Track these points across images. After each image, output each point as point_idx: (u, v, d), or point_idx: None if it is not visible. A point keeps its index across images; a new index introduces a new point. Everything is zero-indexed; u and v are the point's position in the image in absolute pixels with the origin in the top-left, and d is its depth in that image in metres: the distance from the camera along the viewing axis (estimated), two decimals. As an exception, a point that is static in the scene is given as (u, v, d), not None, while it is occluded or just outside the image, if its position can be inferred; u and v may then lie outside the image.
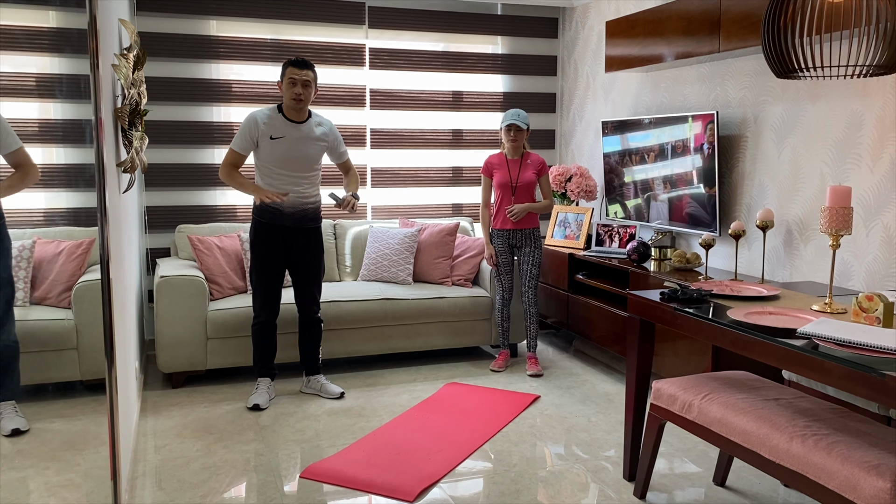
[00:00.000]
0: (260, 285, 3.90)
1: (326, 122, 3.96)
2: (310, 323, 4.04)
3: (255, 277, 3.90)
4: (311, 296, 4.00)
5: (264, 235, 3.85)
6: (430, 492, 2.96)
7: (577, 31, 5.55)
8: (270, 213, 3.82)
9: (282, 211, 3.82)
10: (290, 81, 3.73)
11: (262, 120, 3.78)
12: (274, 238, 3.85)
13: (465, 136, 5.58)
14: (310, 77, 3.76)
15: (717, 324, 2.52)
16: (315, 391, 4.07)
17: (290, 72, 3.74)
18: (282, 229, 3.85)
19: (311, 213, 3.91)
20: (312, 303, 4.01)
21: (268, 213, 3.82)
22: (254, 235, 3.88)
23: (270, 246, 3.85)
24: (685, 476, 3.11)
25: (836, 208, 2.52)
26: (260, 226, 3.85)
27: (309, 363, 4.10)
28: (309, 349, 4.09)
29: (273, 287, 3.91)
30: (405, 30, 5.32)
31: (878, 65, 2.36)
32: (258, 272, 3.89)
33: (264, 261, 3.87)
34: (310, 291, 3.99)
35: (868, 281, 3.33)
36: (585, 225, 4.96)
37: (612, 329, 4.34)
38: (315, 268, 3.98)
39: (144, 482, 3.02)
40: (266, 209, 3.83)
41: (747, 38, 3.56)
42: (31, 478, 2.78)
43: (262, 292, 3.90)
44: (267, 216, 3.83)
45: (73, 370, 3.58)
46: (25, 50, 2.62)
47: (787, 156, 3.76)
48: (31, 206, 2.97)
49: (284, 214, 3.83)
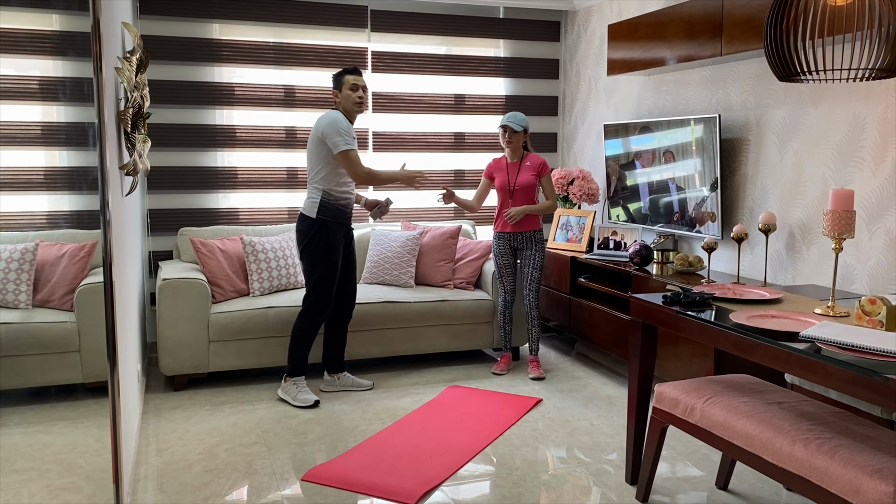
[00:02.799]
0: (330, 284, 4.00)
1: None
2: (346, 319, 4.20)
3: (330, 277, 3.98)
4: (355, 288, 4.21)
5: (336, 236, 3.97)
6: (431, 495, 2.96)
7: (579, 34, 5.56)
8: (342, 213, 3.99)
9: (348, 211, 4.04)
10: (353, 87, 3.94)
11: None
12: (341, 237, 4.01)
13: (466, 140, 5.58)
14: (365, 82, 4.03)
15: (720, 327, 2.52)
16: (346, 387, 4.19)
17: (351, 79, 3.96)
18: (346, 228, 4.06)
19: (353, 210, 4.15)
20: (355, 296, 4.23)
21: (339, 213, 3.98)
22: (325, 237, 3.94)
23: (339, 245, 4.00)
24: (687, 480, 3.10)
25: (838, 211, 2.52)
26: (329, 226, 3.95)
27: (339, 360, 4.23)
28: (342, 345, 4.23)
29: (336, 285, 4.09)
30: (407, 33, 5.33)
31: (880, 68, 2.36)
32: (333, 272, 3.99)
33: (335, 259, 3.99)
34: (355, 286, 4.21)
35: (871, 284, 3.32)
36: (587, 228, 4.96)
37: (614, 332, 4.34)
38: (355, 264, 4.22)
39: (146, 485, 3.02)
40: (336, 208, 3.96)
41: (749, 41, 3.56)
42: (33, 480, 2.78)
43: (331, 290, 4.01)
44: (340, 216, 3.99)
45: (75, 373, 3.58)
46: (29, 53, 2.63)
47: (789, 159, 3.76)
48: (34, 209, 2.97)
49: (349, 214, 4.05)
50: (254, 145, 5.05)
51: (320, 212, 3.93)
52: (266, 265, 4.48)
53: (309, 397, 3.95)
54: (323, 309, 4.01)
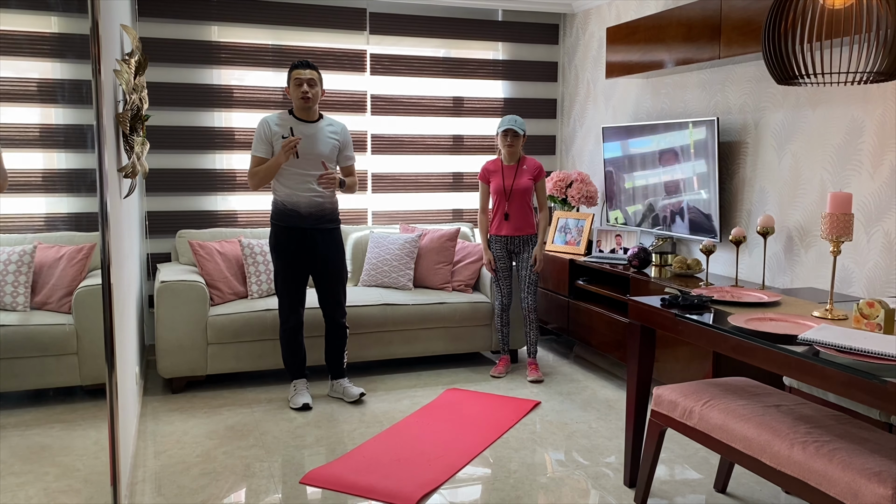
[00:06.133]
0: (286, 291, 3.92)
1: (339, 124, 4.02)
2: (335, 327, 4.05)
3: (281, 283, 3.92)
4: (336, 299, 4.01)
5: (286, 239, 3.88)
6: (430, 498, 2.95)
7: (577, 37, 5.56)
8: (288, 216, 3.85)
9: (299, 212, 3.85)
10: (296, 82, 3.81)
11: (274, 121, 3.86)
12: (294, 241, 3.87)
13: (465, 142, 5.59)
14: (314, 76, 3.84)
15: (718, 330, 2.52)
16: (339, 395, 4.10)
17: (294, 73, 3.82)
18: (300, 231, 3.87)
19: (329, 213, 3.94)
20: (336, 306, 4.02)
21: (286, 217, 3.86)
22: (274, 241, 3.91)
23: (292, 249, 3.88)
24: (686, 483, 3.10)
25: (836, 214, 2.52)
26: (280, 230, 3.89)
27: (333, 367, 4.13)
28: (333, 354, 4.11)
29: (299, 292, 3.94)
30: (406, 36, 5.33)
31: (878, 71, 2.36)
32: (283, 278, 3.91)
33: (288, 265, 3.89)
34: (334, 295, 4.00)
35: (869, 287, 3.32)
36: (586, 231, 4.96)
37: (612, 335, 4.34)
38: (337, 270, 3.99)
39: (144, 488, 3.02)
40: (282, 212, 3.86)
41: (748, 44, 3.56)
42: (31, 483, 2.77)
43: (288, 298, 3.93)
44: (285, 219, 3.87)
45: (73, 375, 3.58)
46: (27, 55, 2.63)
47: (787, 162, 3.76)
48: (33, 211, 2.97)
49: (302, 215, 3.86)
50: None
51: (272, 215, 3.93)
52: (264, 268, 4.48)
53: (299, 400, 3.92)
54: (285, 317, 3.94)
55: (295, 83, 3.81)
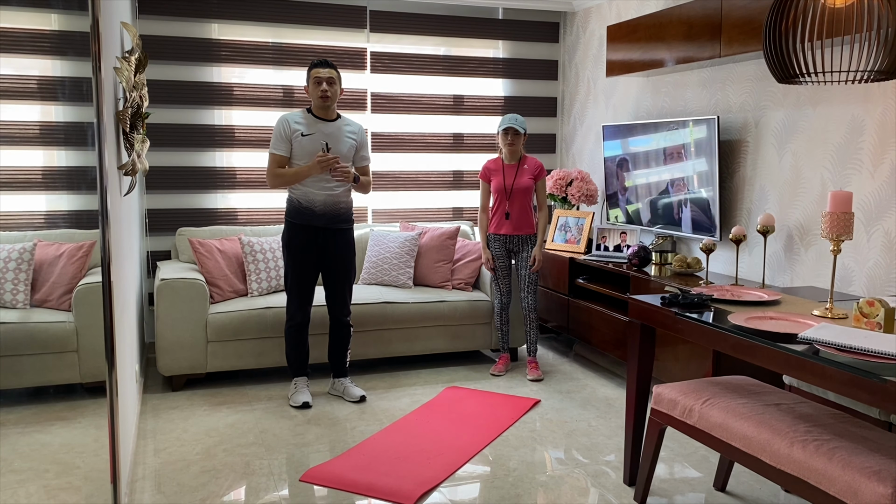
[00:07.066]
0: (296, 288, 3.93)
1: (356, 124, 4.03)
2: (339, 326, 4.06)
3: (291, 279, 3.93)
4: (342, 298, 4.02)
5: (298, 237, 3.89)
6: (429, 496, 2.96)
7: (578, 35, 5.56)
8: (302, 214, 3.87)
9: (314, 210, 3.86)
10: (316, 81, 3.82)
11: (293, 119, 3.87)
12: (307, 239, 3.89)
13: (465, 140, 5.58)
14: (333, 74, 3.85)
15: (718, 328, 2.52)
16: (339, 393, 4.10)
17: (314, 72, 3.84)
18: (314, 230, 3.88)
19: (343, 213, 3.95)
20: (343, 305, 4.03)
21: (301, 215, 3.87)
22: (287, 237, 3.92)
23: (304, 247, 3.89)
24: (685, 481, 3.10)
25: (837, 213, 2.52)
26: (293, 227, 3.90)
27: (335, 366, 4.14)
28: (336, 352, 4.11)
29: (308, 289, 3.95)
30: (406, 34, 5.33)
31: (878, 70, 2.36)
32: (294, 274, 3.92)
33: (299, 263, 3.90)
34: (340, 294, 4.01)
35: (869, 286, 3.32)
36: (586, 229, 4.96)
37: (612, 333, 4.34)
38: (346, 270, 4.01)
39: (144, 485, 3.02)
40: (296, 209, 3.87)
41: (748, 43, 3.56)
42: (31, 480, 2.78)
43: (297, 294, 3.94)
44: (299, 217, 3.88)
45: (73, 373, 3.58)
46: (27, 52, 2.63)
47: (787, 161, 3.76)
48: (33, 209, 2.97)
49: (316, 214, 3.86)
50: (252, 145, 5.05)
51: (286, 212, 3.94)
52: (264, 265, 4.48)
53: (299, 398, 3.93)
54: (292, 313, 3.96)
55: (314, 82, 3.82)
